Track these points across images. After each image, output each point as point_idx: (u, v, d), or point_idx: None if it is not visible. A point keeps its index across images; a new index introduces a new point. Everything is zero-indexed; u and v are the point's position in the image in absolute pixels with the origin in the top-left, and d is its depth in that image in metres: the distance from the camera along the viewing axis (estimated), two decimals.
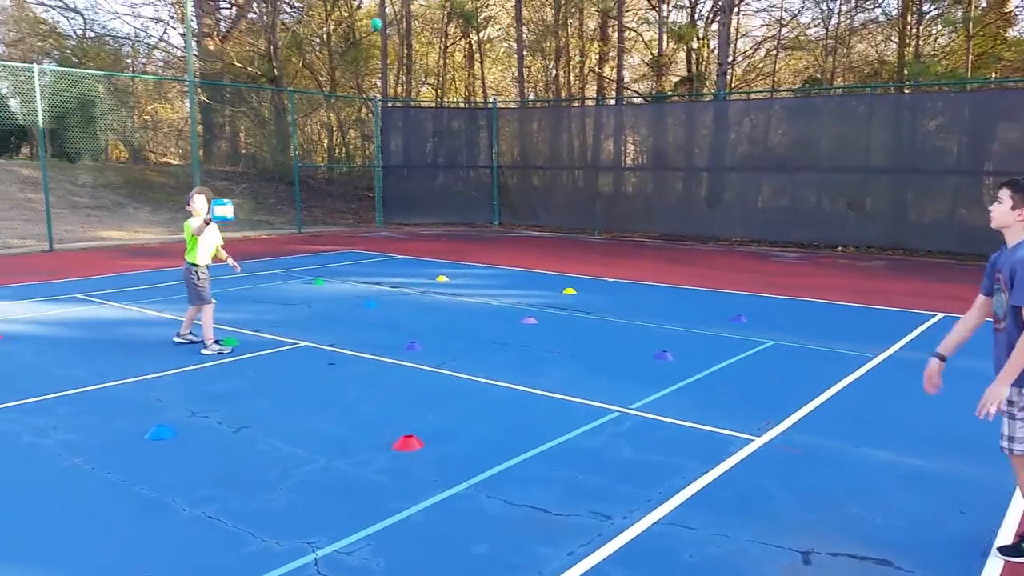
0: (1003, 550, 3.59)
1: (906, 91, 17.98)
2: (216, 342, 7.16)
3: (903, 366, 6.86)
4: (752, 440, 4.95)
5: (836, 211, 16.44)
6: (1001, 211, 3.43)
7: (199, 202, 7.25)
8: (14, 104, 26.30)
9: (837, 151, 16.39)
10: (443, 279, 11.63)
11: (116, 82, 25.78)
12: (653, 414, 5.46)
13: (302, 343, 7.54)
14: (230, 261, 7.80)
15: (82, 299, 9.77)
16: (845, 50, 23.09)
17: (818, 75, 23.37)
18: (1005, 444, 3.47)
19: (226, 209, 7.02)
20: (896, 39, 21.53)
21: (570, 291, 10.60)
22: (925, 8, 20.50)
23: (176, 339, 7.43)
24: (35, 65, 15.04)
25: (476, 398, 5.90)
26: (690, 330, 8.18)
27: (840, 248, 16.45)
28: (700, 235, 18.03)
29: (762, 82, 25.16)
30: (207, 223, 7.17)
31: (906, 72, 19.70)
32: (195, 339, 7.36)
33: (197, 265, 7.34)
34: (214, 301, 7.38)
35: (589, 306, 9.55)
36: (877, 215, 16.00)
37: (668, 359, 6.90)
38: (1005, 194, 3.42)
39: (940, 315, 9.06)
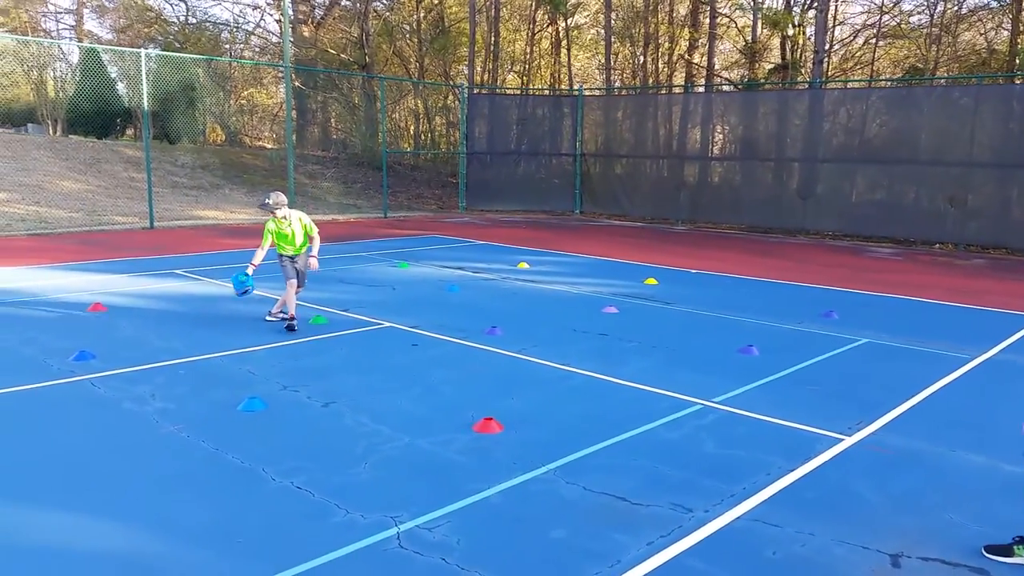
0: (990, 549, 3.49)
1: (1017, 81, 16.99)
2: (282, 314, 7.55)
3: (1003, 369, 6.53)
4: (842, 440, 4.80)
5: (935, 206, 15.71)
6: None
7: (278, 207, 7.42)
8: (121, 87, 27.68)
9: (938, 144, 15.66)
10: (524, 266, 11.67)
11: (215, 67, 26.78)
12: (737, 408, 5.35)
13: (387, 324, 7.70)
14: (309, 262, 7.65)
15: (180, 275, 10.21)
16: (951, 38, 21.96)
17: (920, 64, 22.33)
18: None
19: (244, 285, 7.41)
20: (1008, 26, 20.34)
21: (652, 281, 10.47)
22: None
23: (269, 318, 7.69)
24: (142, 50, 15.73)
25: (556, 384, 5.91)
26: (777, 325, 7.98)
27: (938, 245, 15.73)
28: (789, 228, 17.52)
29: (860, 71, 24.20)
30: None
31: (1017, 61, 18.61)
32: (284, 316, 7.55)
33: (281, 255, 7.67)
34: (293, 280, 7.50)
35: (671, 297, 9.42)
36: (979, 211, 15.21)
37: (754, 353, 6.75)
38: None
39: None
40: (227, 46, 33.92)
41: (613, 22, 25.48)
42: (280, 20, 32.29)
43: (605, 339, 7.32)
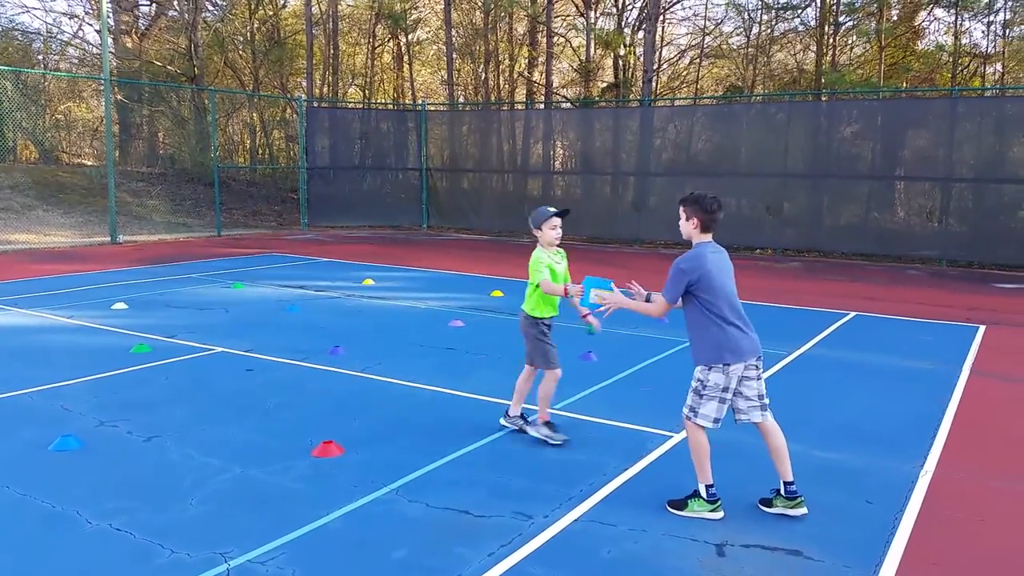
0: (672, 504, 4.02)
1: (823, 99, 18.66)
2: (548, 425, 5.00)
3: (815, 363, 7.10)
4: (671, 436, 5.04)
5: (755, 214, 16.92)
6: (681, 225, 4.33)
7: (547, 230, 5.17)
8: None
9: (757, 157, 16.91)
10: (369, 282, 11.50)
11: (26, 79, 24.68)
12: (577, 414, 5.51)
13: (219, 349, 7.33)
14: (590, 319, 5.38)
15: None
16: (765, 59, 23.83)
17: (739, 83, 24.05)
18: (687, 412, 4.08)
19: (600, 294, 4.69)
20: (814, 48, 22.31)
21: (498, 293, 10.62)
22: (841, 19, 21.32)
23: (504, 422, 5.24)
24: None
25: (400, 401, 5.85)
26: (615, 331, 8.28)
27: (759, 251, 16.93)
28: (626, 238, 18.30)
29: (686, 89, 25.75)
30: (572, 300, 5.15)
31: (823, 80, 20.44)
32: (527, 422, 5.17)
33: (540, 318, 5.32)
34: (560, 368, 5.19)
35: (517, 308, 9.54)
36: (794, 218, 16.53)
37: (593, 359, 6.97)
38: (681, 211, 4.27)
39: (852, 313, 9.41)
40: (40, 57, 31.40)
41: (454, 39, 25.73)
42: (99, 30, 30.29)
43: (451, 353, 7.33)
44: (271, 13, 28.71)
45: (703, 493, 3.97)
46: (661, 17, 22.99)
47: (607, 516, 3.91)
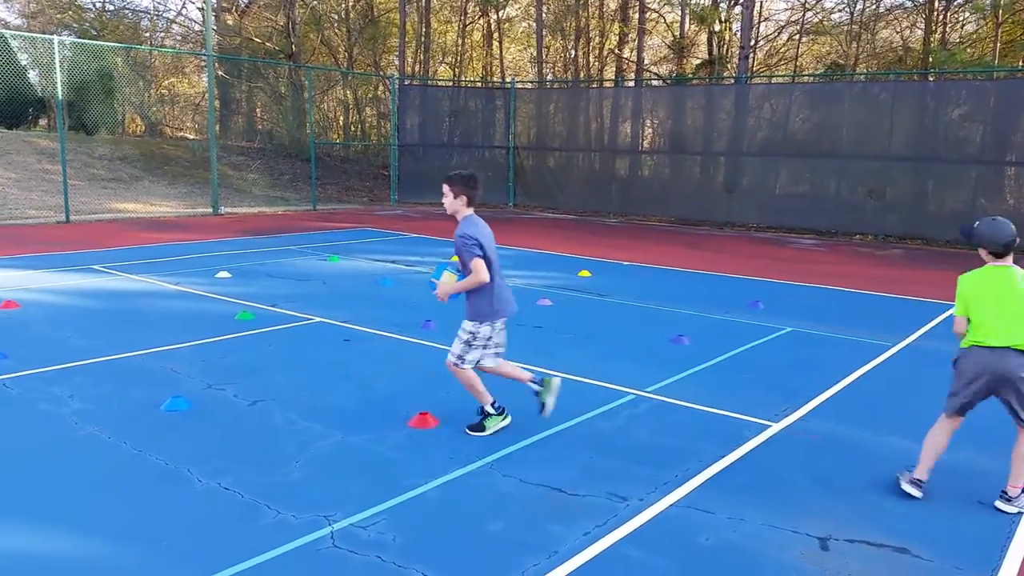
0: (472, 428, 4.65)
1: (930, 79, 17.72)
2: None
3: (921, 355, 6.80)
4: (770, 426, 4.91)
5: (855, 199, 16.27)
6: (448, 202, 4.77)
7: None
8: (33, 76, 26.39)
9: (858, 138, 16.22)
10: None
11: (134, 55, 25.80)
12: (670, 397, 5.42)
13: (317, 319, 7.54)
14: None
15: (98, 270, 9.80)
16: (869, 36, 22.76)
17: (841, 61, 23.07)
18: (455, 360, 4.66)
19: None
20: (922, 26, 21.19)
21: (585, 273, 10.55)
22: None
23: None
24: (55, 37, 15.01)
25: (491, 377, 5.86)
26: (707, 315, 8.13)
27: (858, 236, 16.29)
28: (716, 220, 17.89)
29: (784, 67, 24.85)
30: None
31: (931, 59, 19.41)
32: None
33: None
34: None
35: (604, 288, 9.50)
36: (897, 204, 15.82)
37: (685, 343, 6.86)
38: (446, 188, 4.73)
39: None
40: (147, 34, 32.74)
41: (544, 16, 25.54)
42: (202, 8, 31.34)
43: (540, 331, 7.33)
44: None
45: (491, 410, 4.69)
46: None
47: (704, 503, 3.85)
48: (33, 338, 6.58)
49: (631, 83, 23.73)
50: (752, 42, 20.93)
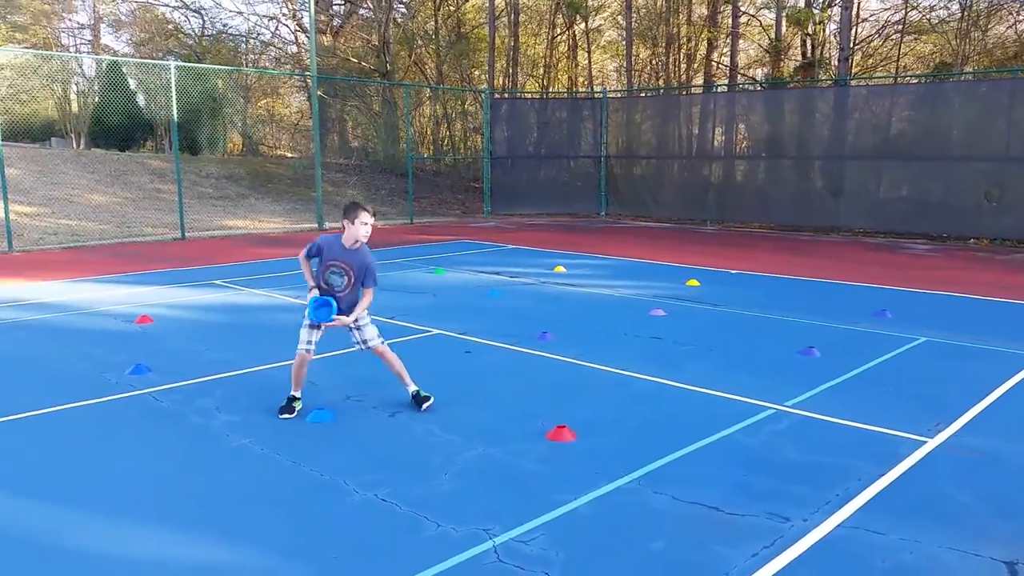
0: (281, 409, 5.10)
1: None
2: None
3: None
4: (925, 442, 4.68)
5: (969, 201, 15.51)
6: (352, 230, 5.15)
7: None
8: (141, 100, 27.86)
9: (970, 139, 15.47)
10: (561, 269, 11.59)
11: (234, 77, 26.89)
12: (812, 412, 5.24)
13: (435, 331, 7.63)
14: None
15: (219, 285, 10.20)
16: (980, 33, 21.72)
17: (949, 59, 22.09)
18: (361, 346, 5.29)
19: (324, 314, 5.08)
20: None
21: (694, 283, 10.36)
22: None
23: None
24: (172, 63, 15.78)
25: (619, 390, 5.82)
26: (831, 325, 7.85)
27: (972, 240, 15.52)
28: (819, 226, 17.35)
29: (886, 68, 23.96)
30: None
31: None
32: None
33: None
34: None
35: (716, 298, 9.31)
36: (1015, 206, 15.00)
37: (815, 355, 6.63)
38: (344, 221, 5.16)
39: None
40: (245, 56, 34.09)
41: (633, 23, 25.38)
42: (297, 30, 32.44)
43: (659, 342, 7.23)
44: (454, 8, 29.59)
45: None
46: None
47: (872, 524, 3.68)
48: (170, 351, 6.87)
49: (723, 88, 23.32)
50: (851, 43, 20.24)
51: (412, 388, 5.34)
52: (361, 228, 5.09)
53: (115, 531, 3.60)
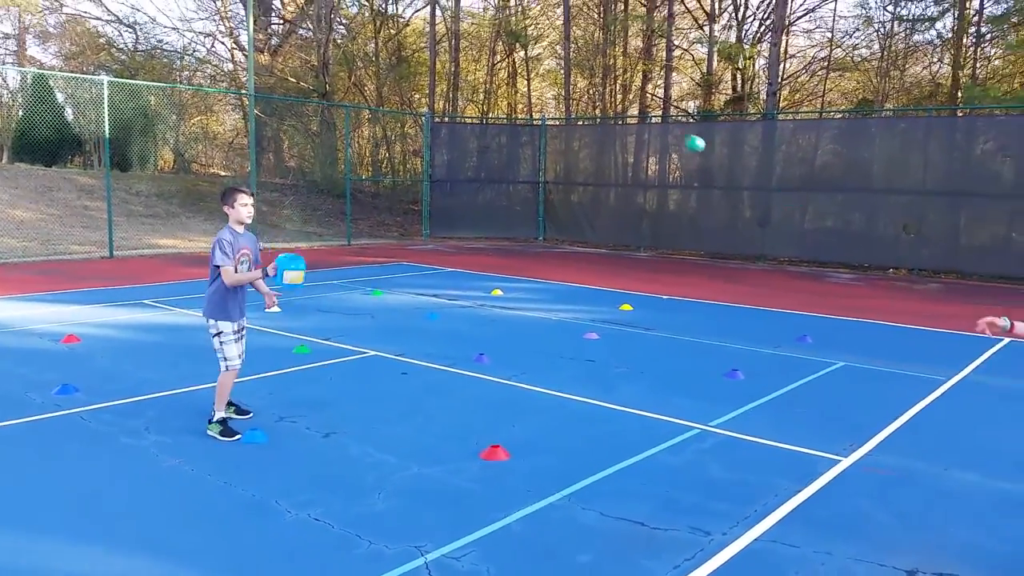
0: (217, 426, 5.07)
1: (959, 114, 17.79)
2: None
3: (976, 389, 6.79)
4: (840, 460, 4.93)
5: (888, 233, 16.28)
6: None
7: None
8: (69, 114, 27.11)
9: (890, 173, 16.29)
10: (498, 292, 11.72)
11: (169, 93, 26.41)
12: (735, 432, 5.45)
13: (372, 352, 7.65)
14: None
15: (149, 305, 10.00)
16: (899, 72, 22.90)
17: (870, 96, 23.21)
18: (223, 364, 5.16)
19: (295, 276, 5.12)
20: (950, 61, 21.32)
21: (627, 307, 10.61)
22: (983, 30, 20.29)
23: None
24: (104, 77, 15.47)
25: (553, 411, 5.95)
26: (756, 349, 8.16)
27: (891, 270, 16.26)
28: (747, 254, 17.94)
29: (812, 103, 25.01)
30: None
31: (960, 94, 19.50)
32: None
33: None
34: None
35: (648, 323, 9.56)
36: (931, 238, 15.80)
37: (740, 377, 6.89)
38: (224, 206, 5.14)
39: (1007, 339, 8.92)
40: (180, 73, 33.52)
41: (571, 54, 25.93)
42: (234, 48, 32.09)
43: (593, 365, 7.40)
44: (394, 32, 29.74)
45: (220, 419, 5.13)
46: (786, 29, 22.48)
47: (788, 537, 3.87)
48: (98, 371, 6.73)
49: (658, 119, 23.97)
50: (779, 78, 21.10)
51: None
52: (243, 210, 5.09)
53: (42, 549, 3.53)
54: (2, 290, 10.84)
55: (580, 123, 24.80)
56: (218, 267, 5.02)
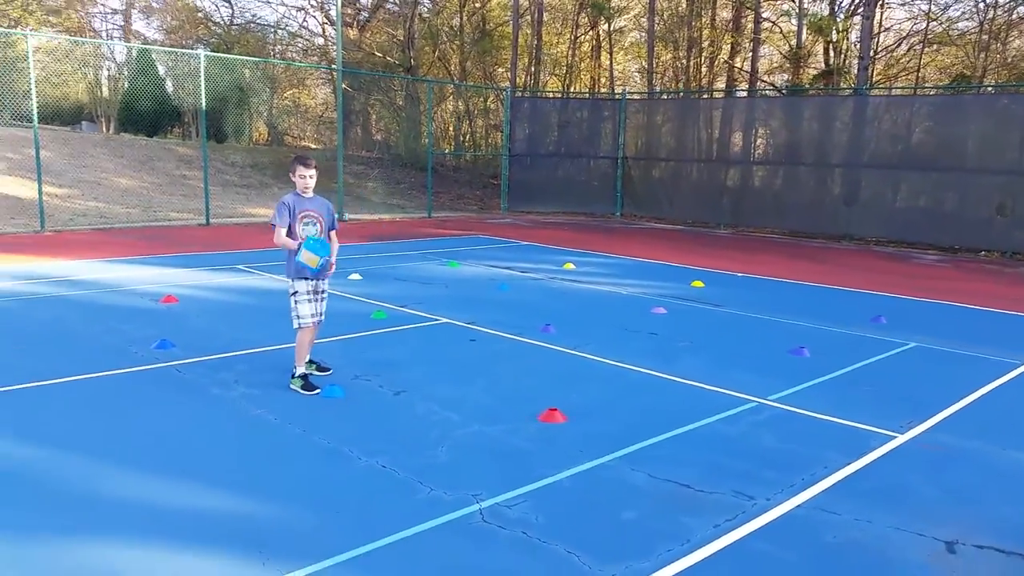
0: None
1: None
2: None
3: None
4: (895, 437, 4.98)
5: (982, 214, 15.65)
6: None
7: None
8: (169, 87, 28.47)
9: (985, 151, 15.62)
10: (570, 266, 11.91)
11: (262, 68, 27.40)
12: (792, 407, 5.54)
13: (443, 319, 7.99)
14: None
15: (242, 270, 10.63)
16: (999, 45, 21.75)
17: (968, 72, 22.15)
18: (296, 322, 5.60)
19: (310, 257, 5.39)
20: None
21: (698, 284, 10.65)
22: None
23: None
24: (201, 51, 16.25)
25: (613, 380, 6.15)
26: (827, 328, 8.13)
27: (983, 253, 15.66)
28: (832, 233, 17.54)
29: (906, 78, 24.04)
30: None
31: None
32: None
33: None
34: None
35: (718, 299, 9.60)
36: None
37: (805, 355, 6.92)
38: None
39: None
40: (273, 47, 34.65)
41: (656, 26, 25.61)
42: (324, 23, 32.94)
43: (656, 338, 7.54)
44: (479, 5, 29.94)
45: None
46: (879, 2, 21.63)
47: (831, 506, 3.99)
48: (193, 329, 7.28)
49: (744, 93, 23.49)
50: (872, 52, 20.36)
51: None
52: (299, 181, 5.52)
53: (144, 483, 3.99)
54: (108, 253, 11.69)
55: (663, 97, 24.54)
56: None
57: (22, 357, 6.15)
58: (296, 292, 5.59)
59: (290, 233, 5.49)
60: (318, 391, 5.44)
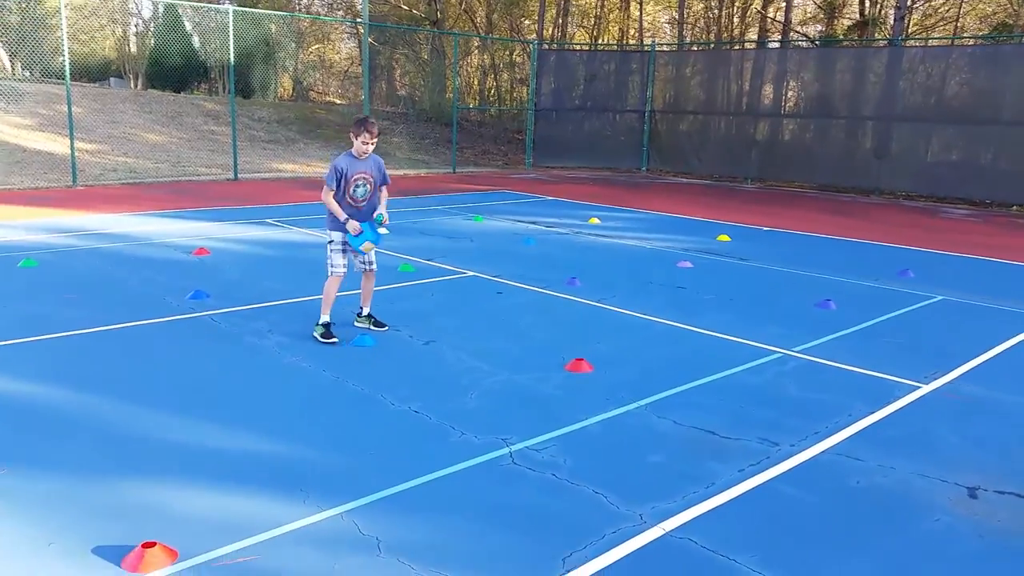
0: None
1: None
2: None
3: None
4: (919, 387, 5.01)
5: (1017, 168, 15.33)
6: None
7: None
8: (196, 42, 28.48)
9: (1023, 104, 15.23)
10: (595, 221, 11.91)
11: (288, 22, 27.27)
12: (817, 357, 5.59)
13: (471, 273, 8.08)
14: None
15: (271, 224, 10.76)
16: None
17: (1010, 21, 21.49)
18: (366, 267, 5.89)
19: (369, 245, 5.78)
20: None
21: (724, 238, 10.62)
22: None
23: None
24: (229, 6, 16.23)
25: (638, 332, 6.22)
26: (854, 281, 8.11)
27: (1015, 207, 15.39)
28: (863, 187, 17.31)
29: (944, 28, 23.38)
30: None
31: None
32: None
33: None
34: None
35: (745, 253, 9.58)
36: None
37: (832, 307, 6.93)
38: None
39: None
40: (299, 2, 34.42)
41: None
42: None
43: (682, 292, 7.58)
44: None
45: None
46: None
47: (854, 452, 4.06)
48: (226, 280, 7.44)
49: (776, 45, 23.02)
50: (909, 1, 19.80)
51: (368, 310, 5.99)
52: (360, 145, 5.61)
53: (183, 425, 4.15)
54: (139, 207, 11.88)
55: (693, 48, 24.12)
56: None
57: (64, 307, 6.33)
58: (332, 241, 5.76)
59: (340, 193, 5.62)
60: (335, 340, 5.56)
